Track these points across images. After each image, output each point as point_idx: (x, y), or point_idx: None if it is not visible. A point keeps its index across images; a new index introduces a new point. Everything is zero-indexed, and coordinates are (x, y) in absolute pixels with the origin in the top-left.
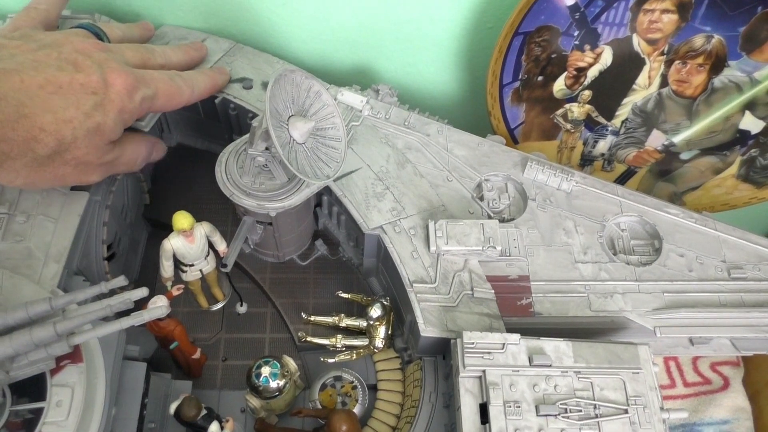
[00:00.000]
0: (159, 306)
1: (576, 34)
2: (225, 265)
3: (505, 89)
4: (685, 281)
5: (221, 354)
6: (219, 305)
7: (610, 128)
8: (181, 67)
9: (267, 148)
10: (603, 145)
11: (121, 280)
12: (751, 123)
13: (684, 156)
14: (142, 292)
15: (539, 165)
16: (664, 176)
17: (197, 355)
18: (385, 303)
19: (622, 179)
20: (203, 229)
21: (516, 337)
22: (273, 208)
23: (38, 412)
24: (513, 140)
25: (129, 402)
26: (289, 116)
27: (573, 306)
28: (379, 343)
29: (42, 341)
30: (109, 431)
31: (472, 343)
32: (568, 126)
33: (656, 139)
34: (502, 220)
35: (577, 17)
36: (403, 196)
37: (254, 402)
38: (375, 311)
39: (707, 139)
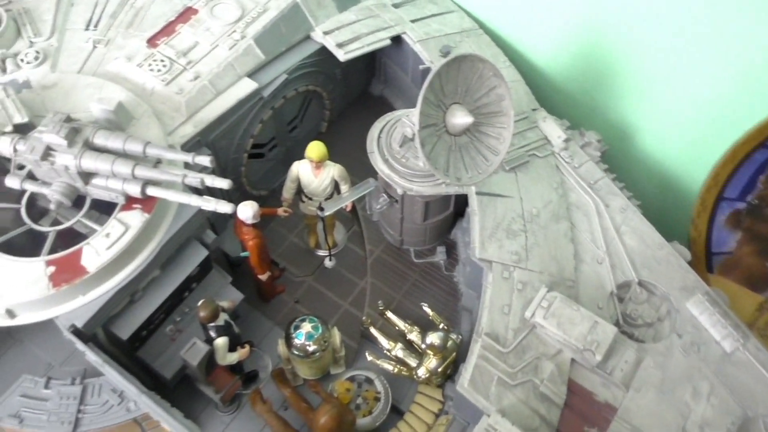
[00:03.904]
0: (220, 202)
1: None
2: (323, 209)
3: (723, 204)
4: None
5: (297, 295)
6: (323, 252)
7: None
8: None
9: None
10: None
11: (205, 160)
12: None
13: None
14: (224, 182)
15: (711, 304)
16: None
17: (264, 277)
18: (453, 337)
19: None
20: (334, 171)
21: None
22: (398, 185)
23: (92, 233)
24: (707, 267)
25: (174, 274)
26: (453, 102)
27: None
28: (422, 372)
29: (119, 174)
30: (142, 287)
31: (496, 430)
32: None
33: None
34: (630, 335)
35: None
36: (536, 247)
37: (282, 349)
38: (432, 338)
39: None
